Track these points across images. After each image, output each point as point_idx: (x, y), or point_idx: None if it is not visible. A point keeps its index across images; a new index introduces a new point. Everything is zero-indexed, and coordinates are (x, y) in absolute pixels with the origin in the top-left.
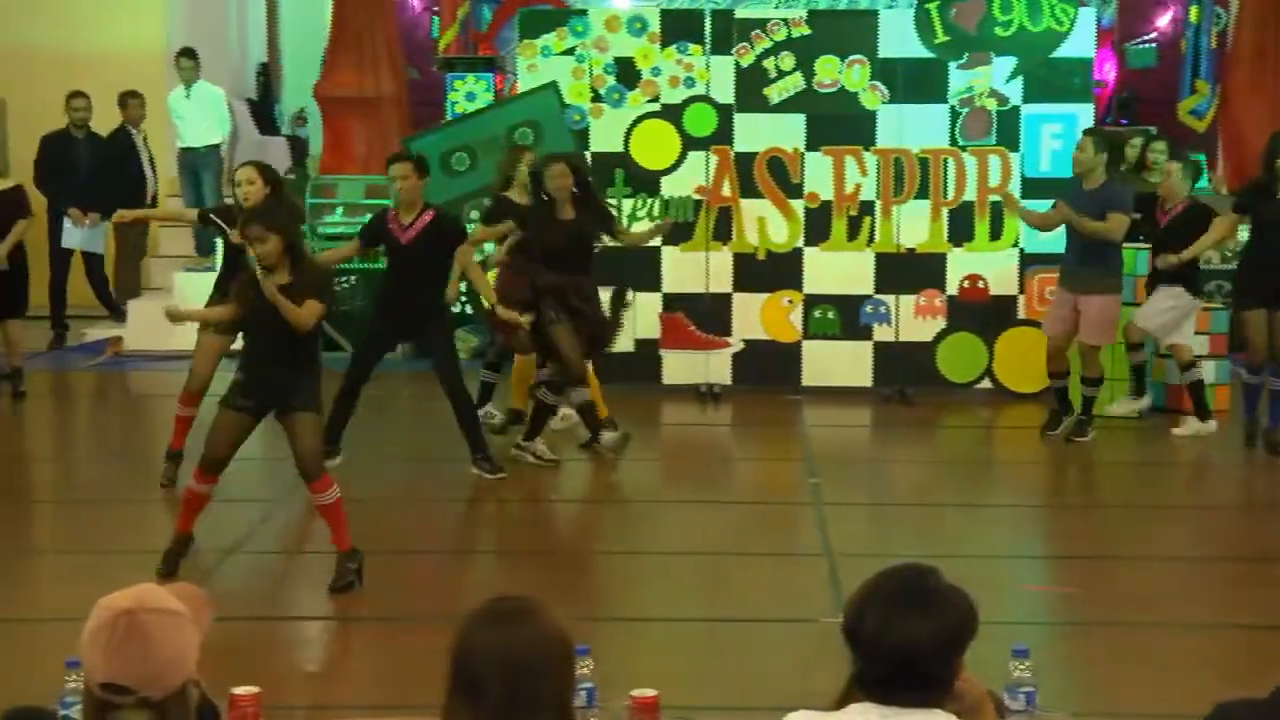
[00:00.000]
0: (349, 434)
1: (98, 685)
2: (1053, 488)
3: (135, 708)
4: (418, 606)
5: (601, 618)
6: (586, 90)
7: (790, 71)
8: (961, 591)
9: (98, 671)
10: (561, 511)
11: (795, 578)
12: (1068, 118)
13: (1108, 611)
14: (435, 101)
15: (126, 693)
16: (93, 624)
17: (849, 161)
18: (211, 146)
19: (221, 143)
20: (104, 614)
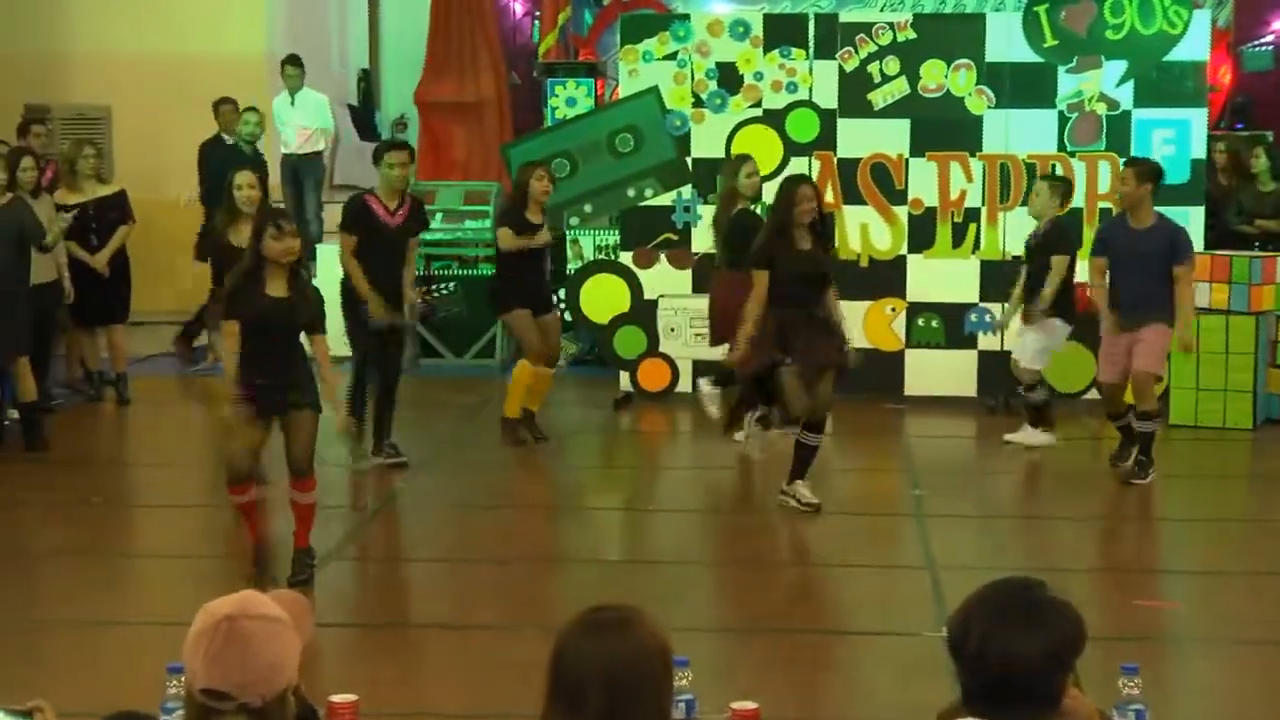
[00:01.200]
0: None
1: (199, 691)
2: (1161, 501)
3: (236, 713)
4: (515, 615)
5: (701, 628)
6: (688, 95)
7: (895, 76)
8: (1069, 605)
9: (199, 677)
10: (660, 521)
11: (898, 590)
12: (1180, 123)
13: (1221, 629)
14: (535, 107)
15: (227, 699)
16: (195, 630)
17: (954, 167)
18: (315, 153)
19: (324, 149)
20: (206, 620)
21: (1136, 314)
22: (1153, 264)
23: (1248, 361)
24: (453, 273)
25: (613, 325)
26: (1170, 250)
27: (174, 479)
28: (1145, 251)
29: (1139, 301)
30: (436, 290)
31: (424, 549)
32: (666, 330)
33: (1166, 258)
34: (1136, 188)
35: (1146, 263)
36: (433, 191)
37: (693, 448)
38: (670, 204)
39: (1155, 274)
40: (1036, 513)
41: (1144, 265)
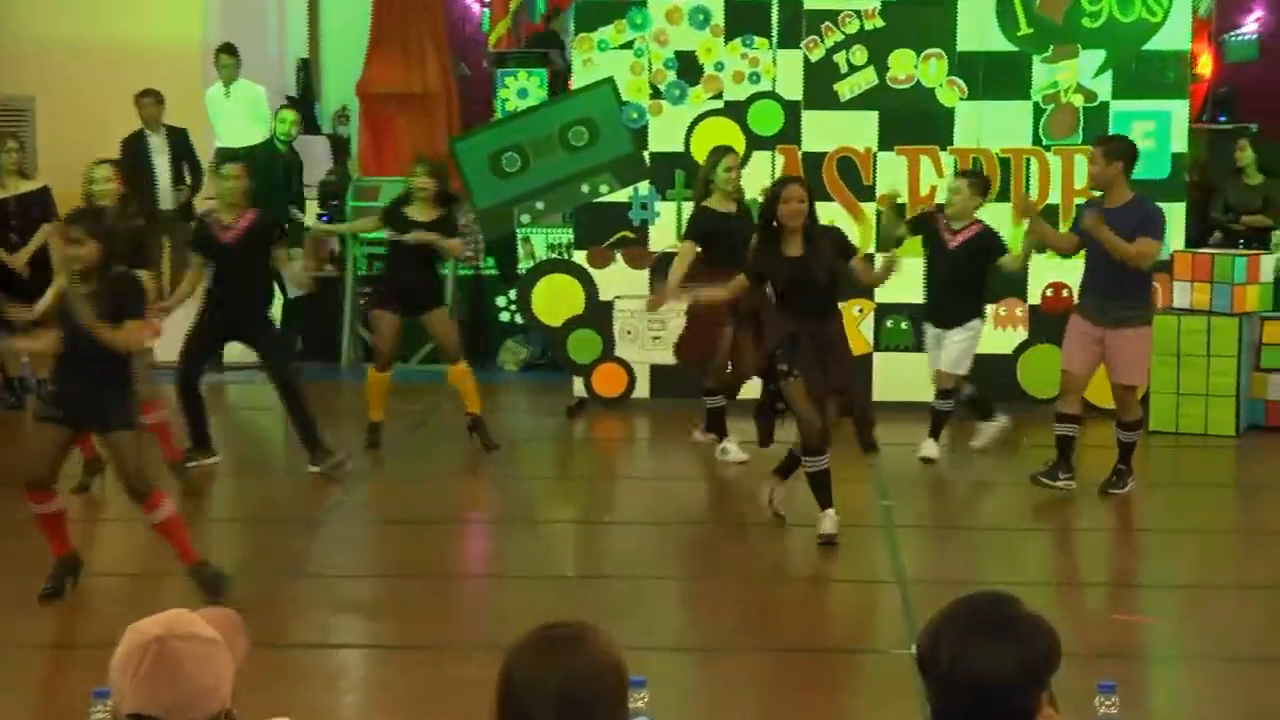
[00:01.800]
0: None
1: (126, 715)
2: (1141, 511)
3: None
4: (463, 633)
5: (659, 646)
6: (645, 86)
7: (862, 66)
8: (1043, 621)
9: (126, 700)
10: (616, 533)
11: (866, 605)
12: (1161, 115)
13: (1203, 645)
14: (485, 99)
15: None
16: (122, 650)
17: (924, 162)
18: (251, 147)
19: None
20: (134, 640)
21: (1112, 307)
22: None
23: (1230, 365)
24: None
25: (566, 328)
26: (1139, 225)
27: (98, 491)
28: (1117, 232)
29: (1113, 290)
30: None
31: (366, 564)
32: (623, 333)
33: (1136, 236)
34: (1105, 167)
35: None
36: (375, 188)
37: (650, 456)
38: (627, 200)
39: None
40: (1011, 524)
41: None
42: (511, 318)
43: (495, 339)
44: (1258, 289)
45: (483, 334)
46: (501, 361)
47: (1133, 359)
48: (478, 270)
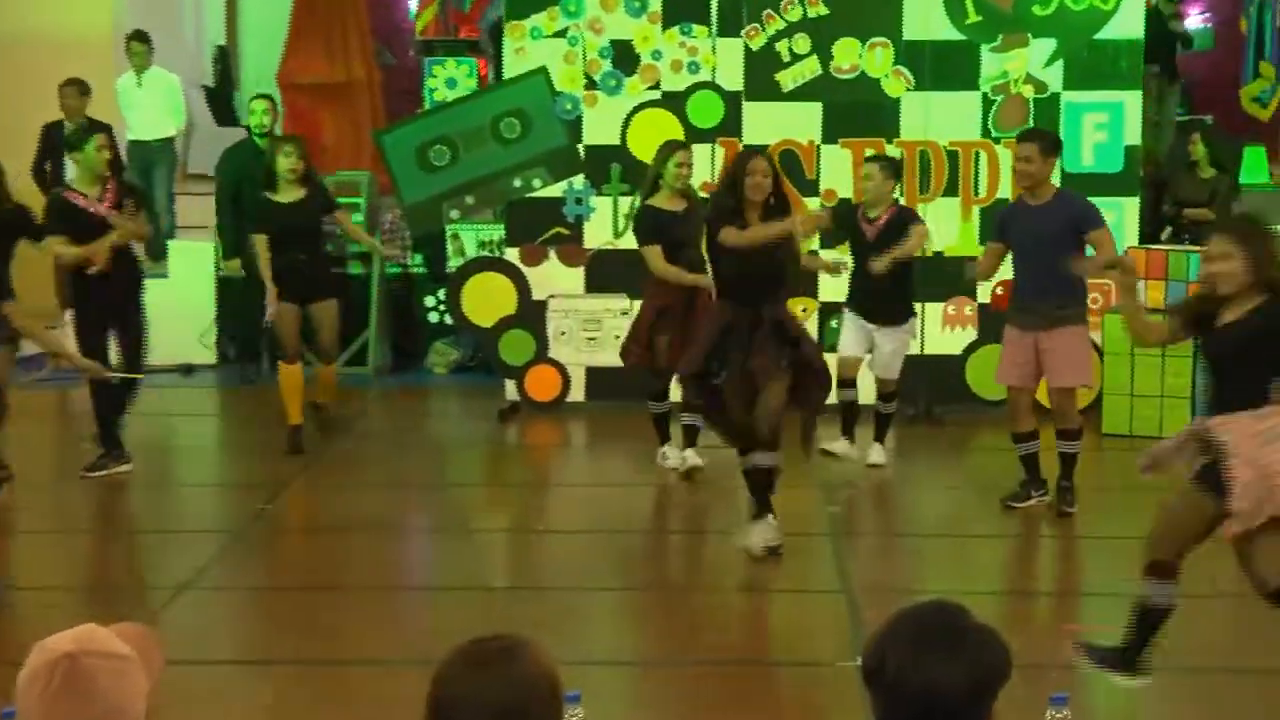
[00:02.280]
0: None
1: None
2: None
3: None
4: (391, 648)
5: (595, 660)
6: (579, 76)
7: (805, 55)
8: (993, 631)
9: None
10: (551, 543)
11: (810, 616)
12: (1114, 106)
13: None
14: (412, 89)
15: None
16: (30, 667)
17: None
18: (165, 140)
19: (176, 135)
20: (43, 657)
21: (1043, 307)
22: (1058, 245)
23: (1185, 365)
24: None
25: (498, 328)
26: (1080, 221)
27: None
28: (1048, 231)
29: (1045, 290)
30: None
31: (290, 576)
32: (557, 334)
33: (1074, 233)
34: (1043, 164)
35: (1050, 244)
36: None
37: (586, 463)
38: (561, 195)
39: (1061, 257)
40: (960, 530)
41: (1047, 247)
42: (440, 318)
43: (424, 340)
44: None
45: (411, 335)
46: (430, 364)
47: (1069, 359)
48: (405, 269)
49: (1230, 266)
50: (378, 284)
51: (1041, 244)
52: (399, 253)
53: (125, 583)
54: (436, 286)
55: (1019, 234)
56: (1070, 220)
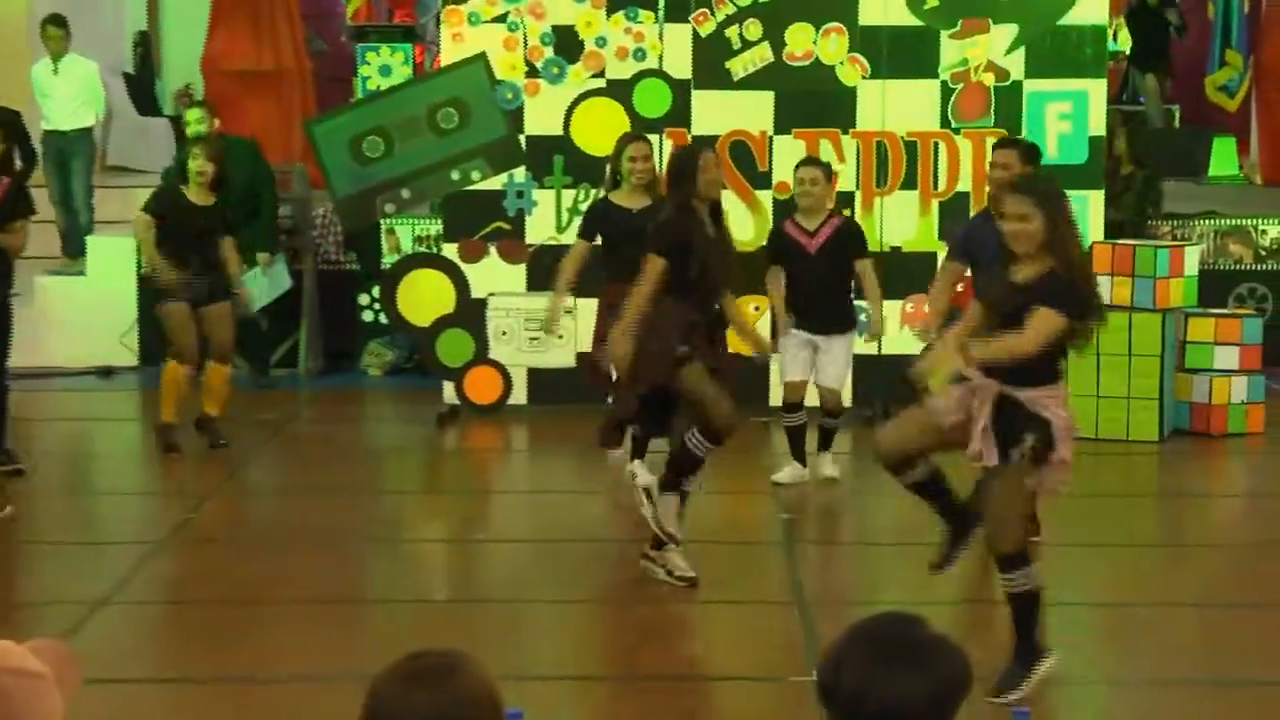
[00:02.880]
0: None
1: None
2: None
3: None
4: (324, 663)
5: (538, 674)
6: (520, 64)
7: (756, 42)
8: (953, 643)
9: None
10: (491, 552)
11: (762, 628)
12: (1078, 95)
13: (1125, 669)
14: (344, 77)
15: None
16: None
17: (824, 146)
18: (83, 130)
19: (95, 125)
20: None
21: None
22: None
23: (1154, 365)
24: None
25: (435, 328)
26: None
27: None
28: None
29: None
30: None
31: (217, 589)
32: (498, 334)
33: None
34: (1022, 169)
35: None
36: None
37: (528, 469)
38: (501, 188)
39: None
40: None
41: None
42: (375, 317)
43: (357, 341)
44: (1182, 283)
45: (344, 336)
46: (364, 365)
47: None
48: (338, 266)
49: (1027, 227)
50: (309, 282)
51: None
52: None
53: (39, 597)
54: (371, 284)
55: (990, 254)
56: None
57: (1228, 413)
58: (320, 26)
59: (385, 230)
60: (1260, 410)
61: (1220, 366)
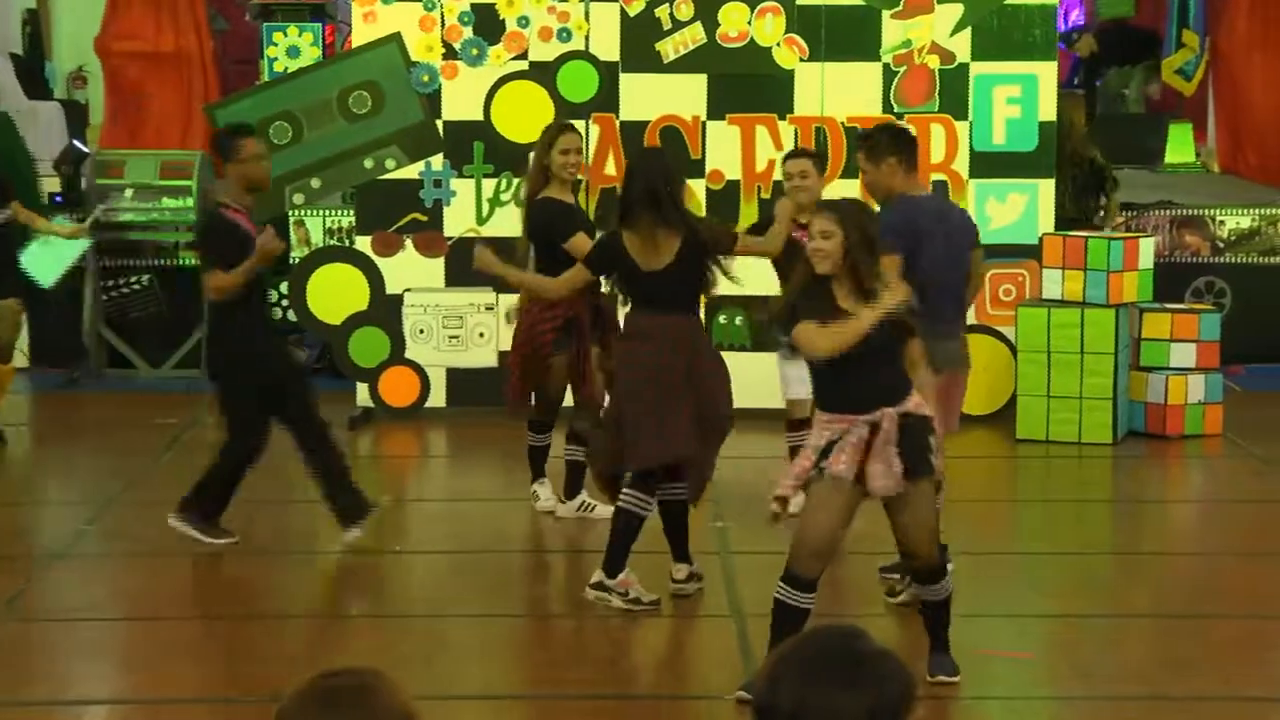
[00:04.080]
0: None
1: None
2: (1008, 530)
3: None
4: (228, 684)
5: (459, 694)
6: (438, 44)
7: (688, 22)
8: (895, 657)
9: None
10: (408, 565)
11: (697, 643)
12: (1027, 79)
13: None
14: (249, 59)
15: None
16: None
17: (760, 132)
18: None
19: None
20: None
21: (954, 340)
22: (962, 251)
23: (1107, 364)
24: (147, 263)
25: (347, 326)
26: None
27: None
28: (956, 236)
29: (958, 314)
30: (127, 285)
31: (114, 604)
32: (414, 332)
33: (971, 238)
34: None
35: (957, 252)
36: (120, 163)
37: (447, 475)
38: (417, 177)
39: (963, 270)
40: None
41: (958, 258)
42: (283, 315)
43: None
44: (1136, 277)
45: None
46: None
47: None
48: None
49: (829, 245)
50: None
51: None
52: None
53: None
54: (278, 279)
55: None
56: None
57: (1184, 413)
58: (223, 5)
59: (294, 222)
60: (1218, 411)
61: (1176, 364)
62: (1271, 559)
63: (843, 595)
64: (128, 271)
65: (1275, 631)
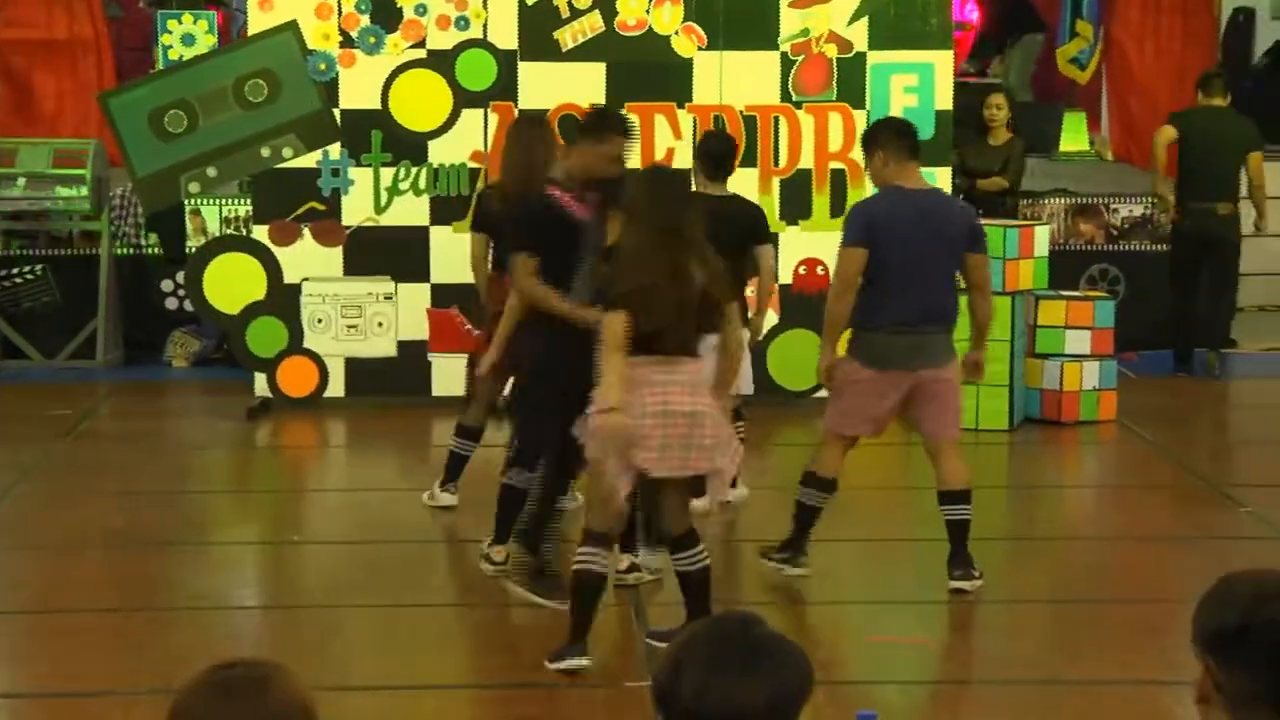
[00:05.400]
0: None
1: None
2: (905, 518)
3: None
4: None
5: (358, 685)
6: (334, 32)
7: (586, 11)
8: (793, 644)
9: None
10: (307, 555)
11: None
12: (923, 68)
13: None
14: (144, 45)
15: None
16: None
17: (659, 121)
18: None
19: None
20: None
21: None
22: (952, 251)
23: (1003, 350)
24: (40, 253)
25: (245, 316)
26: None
27: None
28: (947, 234)
29: (931, 313)
30: (20, 275)
31: (9, 599)
32: (312, 322)
33: (967, 241)
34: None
35: (943, 250)
36: (12, 152)
37: (346, 465)
38: (315, 166)
39: (952, 268)
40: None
41: (941, 254)
42: (180, 305)
43: (161, 330)
44: (1031, 264)
45: (146, 324)
46: (168, 356)
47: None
48: (138, 250)
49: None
50: (107, 267)
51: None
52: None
53: None
54: (174, 269)
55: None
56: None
57: (1079, 399)
58: None
59: (190, 211)
60: (1112, 397)
61: (1071, 351)
62: (1166, 543)
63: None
64: (20, 261)
65: (1169, 615)
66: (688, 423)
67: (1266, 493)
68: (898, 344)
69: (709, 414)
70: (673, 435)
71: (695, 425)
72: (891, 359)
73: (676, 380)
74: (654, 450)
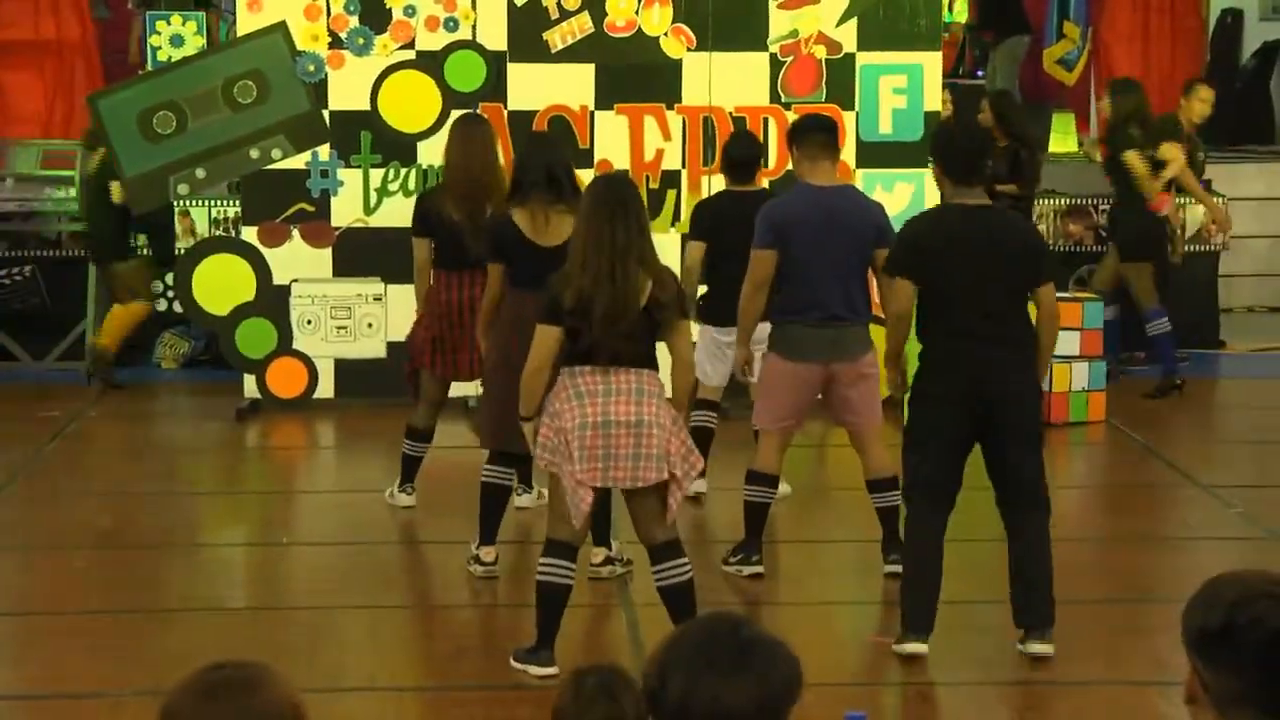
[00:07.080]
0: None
1: None
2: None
3: None
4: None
5: (348, 686)
6: (323, 33)
7: (576, 12)
8: (782, 645)
9: None
10: (296, 557)
11: (587, 634)
12: (912, 68)
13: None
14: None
15: None
16: None
17: (648, 122)
18: None
19: None
20: None
21: (842, 330)
22: (861, 246)
23: None
24: (29, 254)
25: (234, 317)
26: (880, 230)
27: None
28: (856, 230)
29: (843, 306)
30: (8, 276)
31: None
32: (301, 323)
33: (874, 237)
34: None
35: (852, 246)
36: (2, 153)
37: (335, 467)
38: (304, 167)
39: (862, 262)
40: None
41: (850, 250)
42: (169, 306)
43: (150, 331)
44: None
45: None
46: (158, 358)
47: (877, 398)
48: None
49: None
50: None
51: (844, 242)
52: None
53: None
54: (163, 270)
55: (816, 230)
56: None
57: (1069, 400)
58: None
59: (179, 212)
60: (1102, 398)
61: (1061, 352)
62: (1155, 543)
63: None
64: (9, 263)
65: (1159, 615)
66: (632, 433)
67: (1256, 493)
68: (813, 336)
69: (656, 423)
70: (618, 447)
71: (641, 435)
72: (807, 351)
73: (619, 390)
74: (597, 462)
